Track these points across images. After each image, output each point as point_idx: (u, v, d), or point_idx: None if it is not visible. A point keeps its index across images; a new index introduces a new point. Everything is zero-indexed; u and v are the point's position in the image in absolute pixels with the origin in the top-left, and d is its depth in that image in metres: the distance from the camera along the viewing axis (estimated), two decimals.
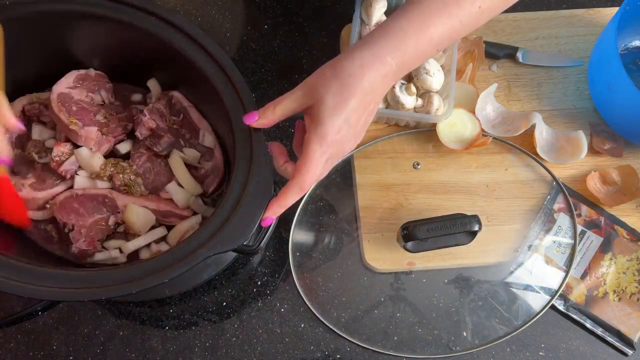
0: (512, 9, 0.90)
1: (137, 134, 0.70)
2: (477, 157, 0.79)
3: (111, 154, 0.72)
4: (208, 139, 0.72)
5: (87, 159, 0.68)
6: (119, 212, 0.67)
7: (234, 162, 0.59)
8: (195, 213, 0.70)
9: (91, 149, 0.68)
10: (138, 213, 0.67)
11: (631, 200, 0.77)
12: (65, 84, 0.70)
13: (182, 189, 0.70)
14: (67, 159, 0.68)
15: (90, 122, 0.69)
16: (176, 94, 0.73)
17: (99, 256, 0.66)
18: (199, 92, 0.71)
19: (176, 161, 0.71)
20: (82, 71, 0.71)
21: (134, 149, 0.71)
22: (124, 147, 0.72)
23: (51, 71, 0.70)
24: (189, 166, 0.72)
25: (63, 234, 0.67)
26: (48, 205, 0.67)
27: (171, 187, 0.70)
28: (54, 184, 0.68)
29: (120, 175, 0.68)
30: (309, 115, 0.55)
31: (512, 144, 0.79)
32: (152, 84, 0.74)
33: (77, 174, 0.68)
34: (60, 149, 0.68)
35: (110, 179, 0.68)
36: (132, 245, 0.67)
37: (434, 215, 0.69)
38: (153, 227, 0.68)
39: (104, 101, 0.73)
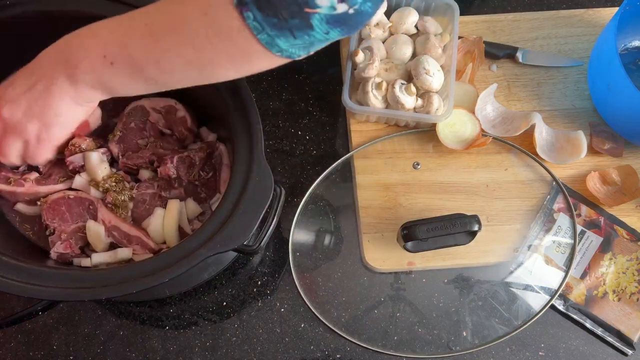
0: (512, 9, 0.91)
1: (159, 170, 0.69)
2: (477, 157, 0.79)
3: (129, 171, 0.71)
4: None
5: (93, 165, 0.67)
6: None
7: (235, 162, 0.59)
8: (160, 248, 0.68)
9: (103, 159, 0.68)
10: (90, 231, 0.66)
11: (631, 200, 0.77)
12: (147, 103, 0.71)
13: (160, 231, 0.67)
14: (79, 152, 0.68)
15: (132, 146, 0.70)
16: (222, 148, 0.70)
17: (77, 261, 0.66)
18: (200, 94, 0.71)
19: (173, 209, 0.68)
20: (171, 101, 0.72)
21: (150, 179, 0.70)
22: (143, 175, 0.71)
23: None
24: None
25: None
26: (39, 202, 0.67)
27: (153, 222, 0.67)
28: (58, 180, 0.68)
29: (115, 194, 0.67)
30: None
31: (512, 144, 0.79)
32: (203, 130, 0.73)
33: (79, 175, 0.68)
34: (80, 141, 0.68)
35: (106, 191, 0.68)
36: (93, 260, 0.65)
37: (434, 215, 0.69)
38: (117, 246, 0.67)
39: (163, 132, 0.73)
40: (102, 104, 0.62)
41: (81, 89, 0.54)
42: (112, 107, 0.72)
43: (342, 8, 0.42)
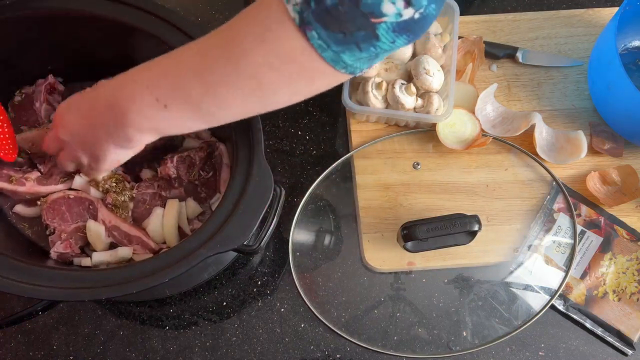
0: (512, 9, 0.91)
1: (159, 170, 0.69)
2: (477, 157, 0.79)
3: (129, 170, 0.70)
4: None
5: None
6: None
7: (235, 162, 0.59)
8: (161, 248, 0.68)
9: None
10: (91, 230, 0.66)
11: (631, 200, 0.77)
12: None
13: (160, 230, 0.67)
14: None
15: None
16: (222, 148, 0.70)
17: (77, 261, 0.66)
18: None
19: (172, 208, 0.68)
20: None
21: (150, 179, 0.70)
22: (145, 174, 0.71)
23: None
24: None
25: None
26: (39, 202, 0.67)
27: (152, 221, 0.67)
28: (59, 181, 0.68)
29: (115, 195, 0.67)
30: None
31: (512, 144, 0.79)
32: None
33: (79, 175, 0.68)
34: None
35: (106, 192, 0.68)
36: (93, 259, 0.65)
37: (434, 215, 0.69)
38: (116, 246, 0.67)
39: None
40: None
41: (130, 134, 0.52)
42: None
43: (408, 14, 0.40)
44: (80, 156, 0.58)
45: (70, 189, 0.69)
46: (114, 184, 0.68)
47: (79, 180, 0.68)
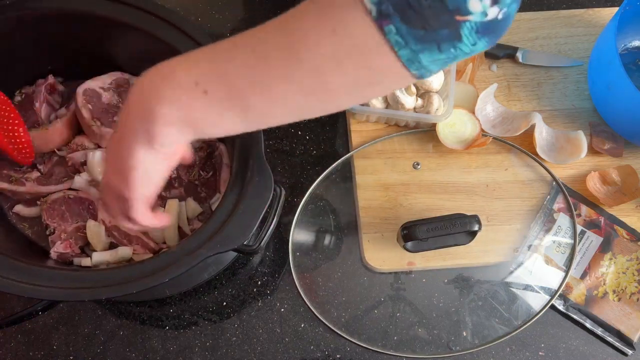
0: None
1: None
2: (477, 157, 0.79)
3: None
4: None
5: (95, 163, 0.68)
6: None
7: (235, 162, 0.59)
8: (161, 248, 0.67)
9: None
10: (91, 230, 0.66)
11: (631, 200, 0.77)
12: (99, 83, 0.69)
13: (160, 230, 0.67)
14: (81, 150, 0.68)
15: (109, 124, 0.69)
16: (222, 148, 0.70)
17: (77, 261, 0.66)
18: None
19: (172, 208, 0.67)
20: (125, 75, 0.71)
21: None
22: None
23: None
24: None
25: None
26: (39, 202, 0.67)
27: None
28: (59, 181, 0.68)
29: None
30: None
31: (512, 144, 0.79)
32: None
33: (79, 175, 0.68)
34: (82, 140, 0.68)
35: None
36: (94, 259, 0.65)
37: (434, 215, 0.69)
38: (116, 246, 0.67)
39: None
40: None
41: (157, 128, 0.44)
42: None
43: (493, 13, 0.37)
44: (114, 185, 0.49)
45: (70, 189, 0.69)
46: None
47: (79, 180, 0.68)
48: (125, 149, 0.46)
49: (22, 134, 0.66)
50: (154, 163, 0.47)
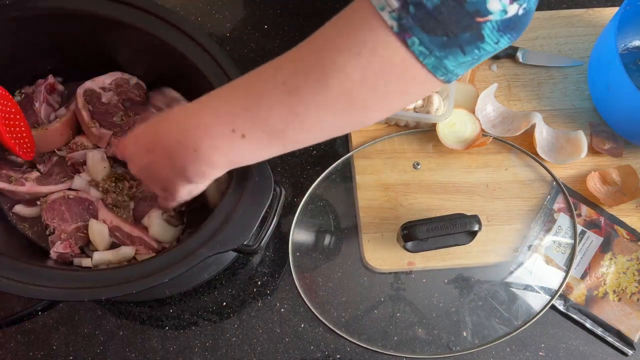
0: None
1: None
2: (477, 157, 0.79)
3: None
4: None
5: (95, 163, 0.67)
6: None
7: None
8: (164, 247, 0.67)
9: (104, 151, 0.68)
10: (93, 229, 0.66)
11: (631, 200, 0.77)
12: (99, 83, 0.69)
13: (159, 230, 0.67)
14: (81, 150, 0.68)
15: (108, 125, 0.69)
16: (166, 90, 0.71)
17: (77, 261, 0.66)
18: (200, 94, 0.70)
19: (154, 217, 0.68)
20: (125, 75, 0.71)
21: None
22: None
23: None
24: None
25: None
26: (39, 202, 0.67)
27: (153, 221, 0.67)
28: (59, 181, 0.68)
29: (114, 195, 0.67)
30: None
31: (512, 144, 0.79)
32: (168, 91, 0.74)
33: (79, 175, 0.68)
34: (82, 139, 0.68)
35: (106, 192, 0.68)
36: (95, 258, 0.65)
37: (434, 215, 0.69)
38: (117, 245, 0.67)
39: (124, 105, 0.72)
40: None
41: (202, 171, 0.48)
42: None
43: (512, 10, 0.38)
44: (153, 189, 0.56)
45: (70, 189, 0.69)
46: (113, 184, 0.68)
47: (78, 181, 0.68)
48: (168, 183, 0.52)
49: (24, 129, 0.66)
50: (194, 191, 0.54)
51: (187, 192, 0.53)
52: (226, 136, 0.45)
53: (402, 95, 0.43)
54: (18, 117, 0.65)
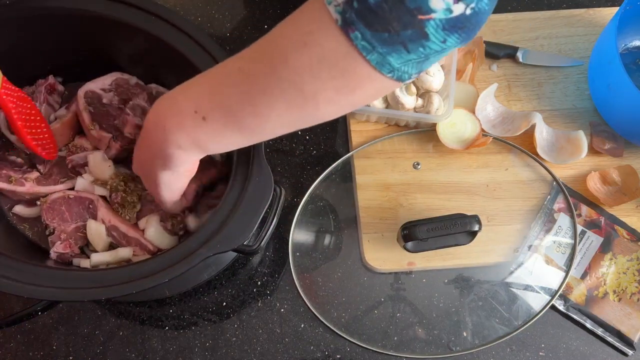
0: (512, 9, 0.91)
1: (127, 133, 0.68)
2: (477, 157, 0.79)
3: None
4: None
5: (97, 164, 0.67)
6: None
7: (234, 162, 0.59)
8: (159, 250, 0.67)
9: (105, 153, 0.68)
10: (91, 229, 0.66)
11: (631, 200, 0.77)
12: (100, 84, 0.69)
13: (155, 233, 0.67)
14: (81, 152, 0.68)
15: (108, 127, 0.69)
16: (153, 86, 0.71)
17: (76, 262, 0.66)
18: None
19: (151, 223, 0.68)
20: (125, 76, 0.71)
21: None
22: None
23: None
24: None
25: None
26: (39, 202, 0.67)
27: (149, 223, 0.67)
28: (59, 181, 0.68)
29: (123, 194, 0.67)
30: None
31: (512, 144, 0.79)
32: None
33: (82, 177, 0.68)
34: (82, 142, 0.68)
35: (115, 190, 0.68)
36: (93, 259, 0.65)
37: (434, 215, 0.69)
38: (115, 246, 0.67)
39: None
40: None
41: (170, 152, 0.51)
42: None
43: (458, 9, 0.38)
44: (145, 183, 0.59)
45: (70, 189, 0.68)
46: (122, 183, 0.68)
47: (81, 182, 0.68)
48: (149, 169, 0.55)
49: (45, 130, 0.66)
50: (173, 179, 0.55)
51: (167, 181, 0.55)
52: (189, 115, 0.48)
53: (353, 91, 0.44)
54: (39, 118, 0.66)
